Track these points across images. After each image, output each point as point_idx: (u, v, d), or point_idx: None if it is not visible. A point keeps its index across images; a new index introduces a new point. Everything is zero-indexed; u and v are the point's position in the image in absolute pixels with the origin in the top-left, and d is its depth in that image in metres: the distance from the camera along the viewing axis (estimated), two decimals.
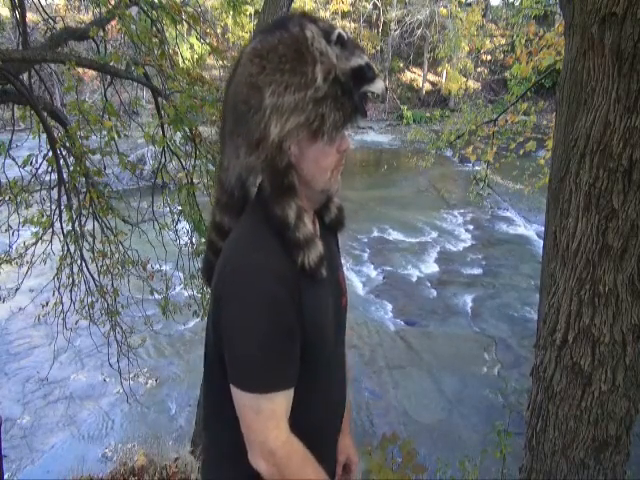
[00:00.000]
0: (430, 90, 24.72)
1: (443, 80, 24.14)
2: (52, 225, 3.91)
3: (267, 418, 0.88)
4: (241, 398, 0.90)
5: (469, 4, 21.64)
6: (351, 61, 0.92)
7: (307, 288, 0.93)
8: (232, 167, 0.97)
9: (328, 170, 0.97)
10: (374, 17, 25.13)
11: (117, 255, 4.14)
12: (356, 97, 0.94)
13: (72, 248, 3.94)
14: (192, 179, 3.98)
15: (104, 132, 3.42)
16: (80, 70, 4.12)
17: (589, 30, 1.25)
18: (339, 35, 0.92)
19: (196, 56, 6.06)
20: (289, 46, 0.89)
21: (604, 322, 1.36)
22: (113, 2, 3.90)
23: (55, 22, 4.49)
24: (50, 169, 3.76)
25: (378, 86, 0.97)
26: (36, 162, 3.72)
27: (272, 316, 0.89)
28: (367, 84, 0.95)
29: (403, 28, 23.80)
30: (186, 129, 3.59)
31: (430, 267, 10.05)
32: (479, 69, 23.95)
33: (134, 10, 4.09)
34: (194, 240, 4.27)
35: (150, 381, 6.45)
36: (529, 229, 11.80)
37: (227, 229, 1.03)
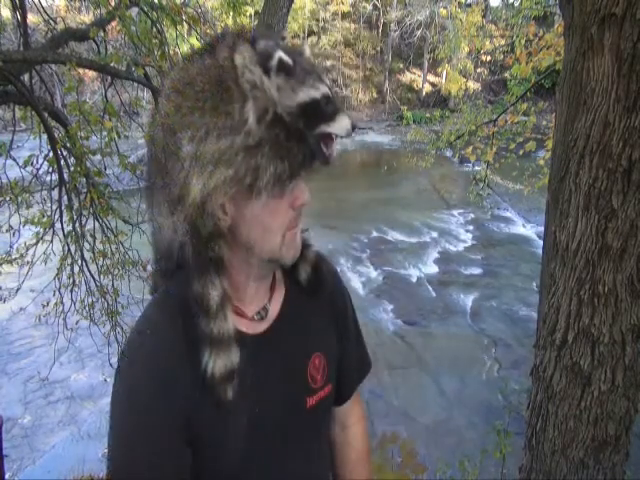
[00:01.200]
0: (430, 91, 24.75)
1: (443, 81, 24.16)
2: (53, 225, 3.90)
3: None
4: None
5: (469, 5, 21.62)
6: (300, 94, 0.70)
7: (205, 404, 0.76)
8: (165, 227, 0.79)
9: (277, 233, 0.77)
10: (374, 18, 25.16)
11: (117, 255, 4.13)
12: (311, 140, 0.72)
13: (73, 248, 3.94)
14: None
15: (104, 133, 3.42)
16: (81, 71, 4.10)
17: (589, 31, 1.25)
18: (280, 60, 0.69)
19: None
20: (210, 78, 0.69)
21: (603, 322, 1.36)
22: (113, 3, 3.90)
23: (56, 23, 4.49)
24: (51, 169, 3.77)
25: (340, 126, 0.73)
26: (37, 162, 3.71)
27: None
28: (325, 123, 0.72)
29: (403, 29, 23.83)
30: None
31: (430, 267, 10.04)
32: (479, 70, 23.96)
33: (134, 11, 4.09)
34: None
35: None
36: (529, 229, 11.79)
37: None
